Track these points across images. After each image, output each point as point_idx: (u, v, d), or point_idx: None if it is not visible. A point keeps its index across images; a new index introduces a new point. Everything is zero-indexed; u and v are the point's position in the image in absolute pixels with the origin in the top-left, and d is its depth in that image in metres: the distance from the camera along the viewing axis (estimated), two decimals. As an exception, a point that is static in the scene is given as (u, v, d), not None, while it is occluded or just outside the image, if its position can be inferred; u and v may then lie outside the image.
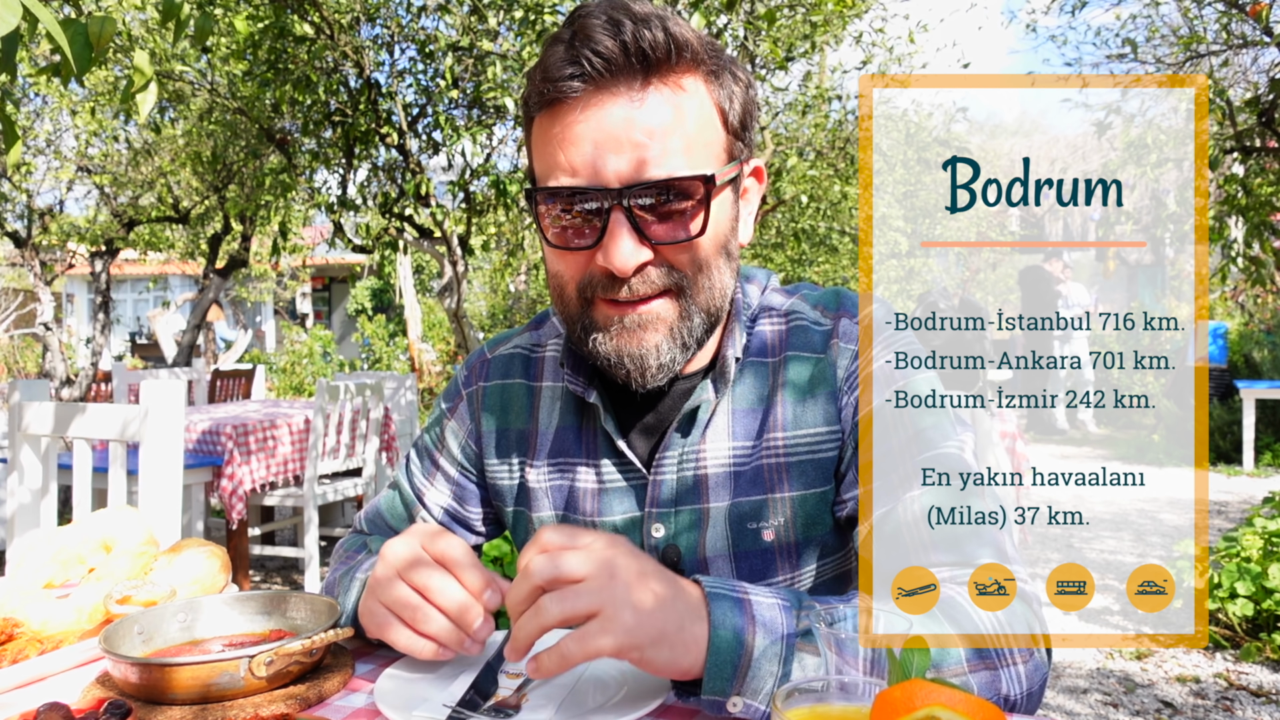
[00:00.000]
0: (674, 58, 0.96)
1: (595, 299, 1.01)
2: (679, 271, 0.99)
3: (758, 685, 0.82)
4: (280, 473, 4.72)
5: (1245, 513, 6.31)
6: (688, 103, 0.97)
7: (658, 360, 1.01)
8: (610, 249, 0.95)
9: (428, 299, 15.78)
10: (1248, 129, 4.90)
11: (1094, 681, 3.57)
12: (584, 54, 0.94)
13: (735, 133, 1.03)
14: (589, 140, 0.95)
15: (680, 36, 0.96)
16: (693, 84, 0.98)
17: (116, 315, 20.01)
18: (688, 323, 1.02)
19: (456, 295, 5.11)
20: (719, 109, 1.00)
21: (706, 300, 1.02)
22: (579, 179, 0.95)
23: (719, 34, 4.26)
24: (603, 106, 0.95)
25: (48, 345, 8.26)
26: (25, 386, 2.40)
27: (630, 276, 0.97)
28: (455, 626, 0.93)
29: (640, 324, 1.00)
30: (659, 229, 0.97)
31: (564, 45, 0.96)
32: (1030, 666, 0.91)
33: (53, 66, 2.05)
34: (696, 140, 0.97)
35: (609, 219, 0.95)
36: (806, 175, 5.77)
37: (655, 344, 1.01)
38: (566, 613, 0.81)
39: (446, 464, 1.26)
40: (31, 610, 1.11)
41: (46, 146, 7.55)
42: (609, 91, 0.95)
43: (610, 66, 0.94)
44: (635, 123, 0.94)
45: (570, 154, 0.96)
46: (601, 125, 0.94)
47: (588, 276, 1.00)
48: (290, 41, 4.47)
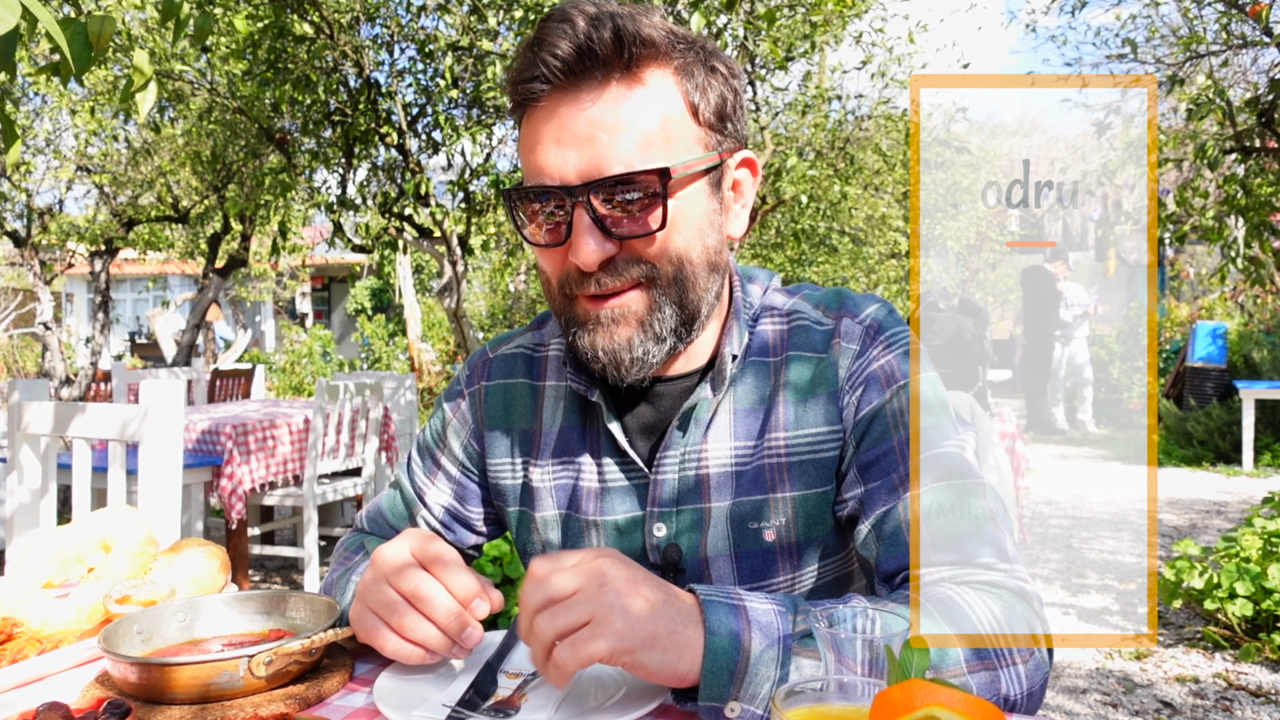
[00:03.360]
0: (630, 55, 0.97)
1: (575, 295, 1.03)
2: (647, 263, 1.01)
3: (755, 690, 0.82)
4: (280, 472, 4.72)
5: (1245, 513, 6.31)
6: (646, 97, 0.98)
7: (630, 354, 1.03)
8: (575, 245, 0.98)
9: (427, 299, 15.78)
10: (1248, 129, 4.90)
11: (1093, 681, 3.57)
12: (542, 57, 0.97)
13: (710, 125, 1.03)
14: (551, 140, 0.98)
15: (640, 34, 0.98)
16: (656, 78, 0.99)
17: (116, 315, 20.01)
18: (658, 314, 1.03)
19: (456, 295, 5.11)
20: (687, 102, 1.01)
21: (679, 293, 1.03)
22: (544, 179, 0.99)
23: (719, 34, 4.26)
24: (562, 106, 0.98)
25: (47, 345, 8.26)
26: (25, 386, 2.40)
27: (596, 271, 1.00)
28: (444, 634, 0.94)
29: (613, 319, 1.02)
30: (620, 223, 0.98)
31: (528, 50, 1.00)
32: (1030, 666, 0.91)
33: (52, 66, 2.05)
34: (656, 135, 0.98)
35: (572, 216, 0.98)
36: (806, 175, 5.76)
37: (627, 338, 1.02)
38: (560, 628, 0.81)
39: (448, 463, 1.26)
40: (31, 610, 1.11)
41: (46, 146, 7.55)
42: (570, 91, 0.98)
43: (566, 68, 0.97)
44: (593, 120, 0.97)
45: (537, 154, 0.99)
46: (562, 125, 0.98)
47: (564, 273, 1.03)
48: (290, 41, 4.47)
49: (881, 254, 10.07)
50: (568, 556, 0.86)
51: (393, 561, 0.96)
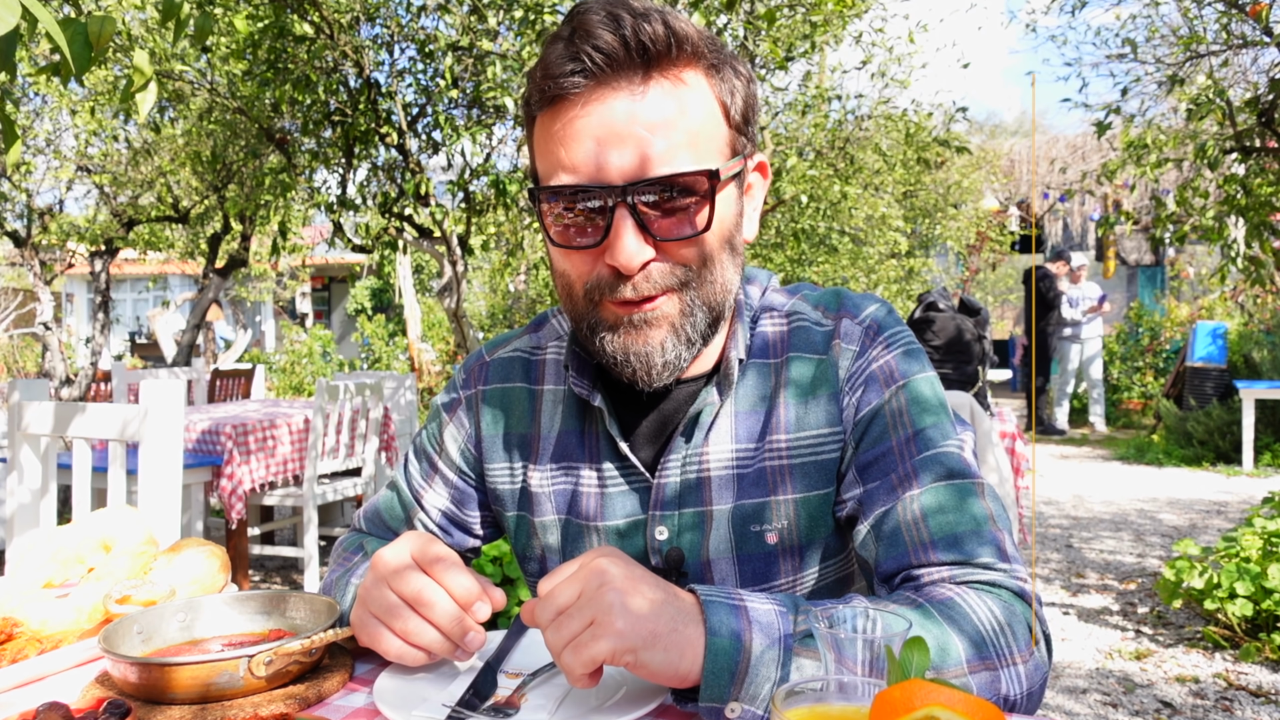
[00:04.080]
0: (674, 51, 0.95)
1: (603, 300, 1.00)
2: (684, 267, 0.98)
3: (755, 690, 0.82)
4: (280, 472, 4.72)
5: (1245, 513, 6.31)
6: (690, 97, 0.96)
7: (663, 358, 1.00)
8: (615, 247, 0.94)
9: (427, 299, 15.78)
10: (1248, 129, 4.90)
11: (1093, 681, 3.57)
12: (584, 49, 0.93)
13: (738, 127, 1.02)
14: (591, 136, 0.94)
15: (680, 30, 0.95)
16: (694, 78, 0.97)
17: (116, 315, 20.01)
18: (691, 318, 1.01)
19: (456, 295, 5.11)
20: (721, 103, 0.99)
21: (709, 295, 1.01)
22: (581, 176, 0.94)
23: (719, 33, 4.26)
24: (604, 102, 0.94)
25: (47, 345, 8.26)
26: (25, 386, 2.39)
27: (635, 274, 0.96)
28: (446, 638, 0.93)
29: (646, 321, 0.99)
30: (664, 225, 0.96)
31: (564, 42, 0.95)
32: (1030, 666, 0.91)
33: (52, 66, 2.05)
34: (700, 135, 0.96)
35: (613, 216, 0.94)
36: (806, 175, 5.76)
37: (660, 341, 1.00)
38: (566, 638, 0.81)
39: (445, 467, 1.25)
40: (31, 610, 1.11)
41: (46, 146, 7.55)
42: (610, 86, 0.94)
43: (610, 61, 0.93)
44: (637, 117, 0.93)
45: (572, 151, 0.95)
46: (603, 121, 0.93)
47: (595, 277, 0.99)
48: (290, 41, 4.47)
49: (881, 254, 10.07)
50: (568, 565, 0.86)
51: (392, 565, 0.96)
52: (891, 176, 8.18)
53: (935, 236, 11.97)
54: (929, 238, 12.21)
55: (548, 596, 0.84)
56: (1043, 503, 6.87)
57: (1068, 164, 12.34)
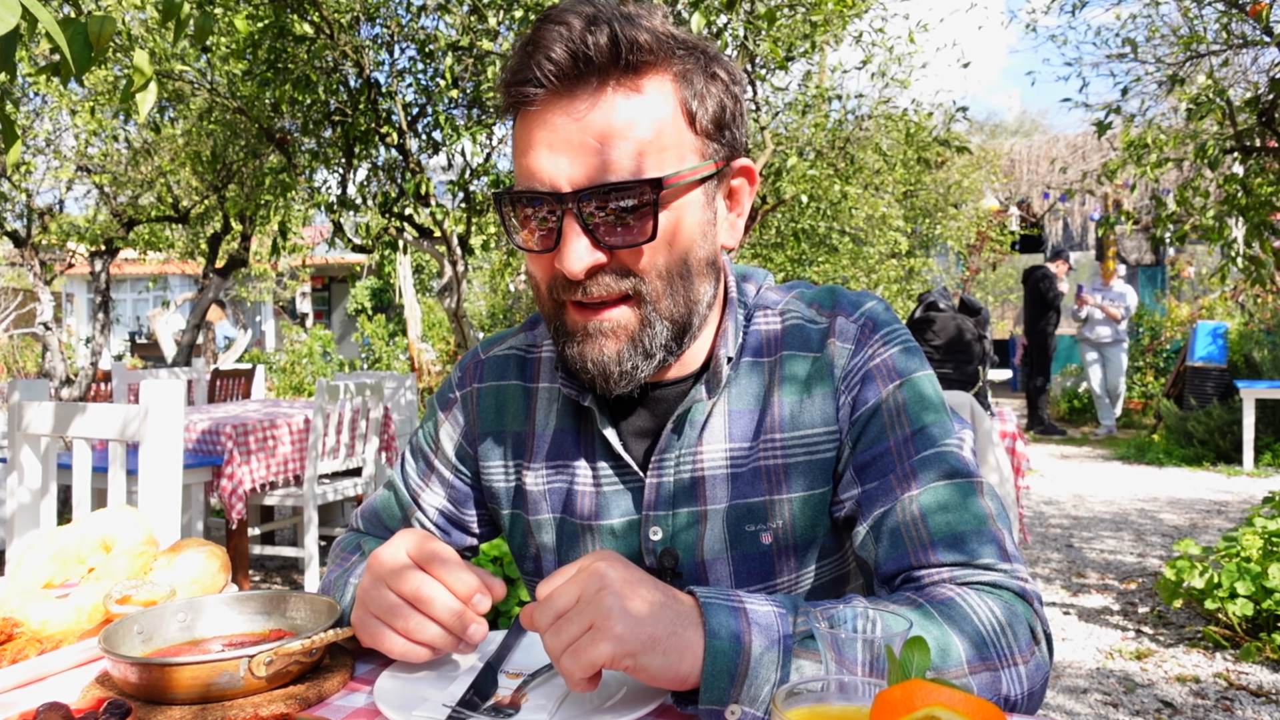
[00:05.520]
0: (627, 61, 0.95)
1: (564, 301, 1.02)
2: (635, 275, 0.99)
3: (756, 692, 0.82)
4: (280, 472, 4.72)
5: (1245, 512, 6.31)
6: (641, 105, 0.96)
7: (619, 367, 1.02)
8: (563, 252, 0.97)
9: (427, 299, 15.78)
10: (1248, 129, 4.89)
11: (1094, 681, 3.57)
12: (536, 60, 0.95)
13: (707, 133, 1.01)
14: (544, 145, 0.96)
15: (636, 38, 0.95)
16: (654, 85, 0.98)
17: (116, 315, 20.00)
18: (649, 330, 1.01)
19: (456, 295, 5.11)
20: (685, 110, 0.99)
21: (670, 307, 1.02)
22: (535, 184, 0.97)
23: (719, 33, 4.25)
24: (555, 111, 0.96)
25: (47, 345, 8.26)
26: (25, 386, 2.39)
27: (583, 279, 0.98)
28: (448, 633, 0.94)
29: (602, 331, 1.01)
30: (610, 233, 0.97)
31: (521, 51, 0.98)
32: (1031, 666, 0.91)
33: (52, 66, 2.05)
34: (651, 144, 0.96)
35: (562, 223, 0.96)
36: (806, 175, 5.76)
37: (616, 352, 1.01)
38: (565, 642, 0.81)
39: (441, 466, 1.25)
40: (31, 610, 1.11)
41: (46, 146, 7.55)
42: (565, 96, 0.96)
43: (560, 73, 0.95)
44: (586, 127, 0.95)
45: (529, 159, 0.98)
46: (555, 130, 0.96)
47: (553, 278, 1.01)
48: (290, 41, 4.47)
49: (881, 254, 10.07)
50: (566, 569, 0.86)
51: (390, 564, 0.96)
52: (892, 176, 8.18)
53: (935, 236, 11.97)
54: (929, 237, 12.20)
55: (546, 600, 0.84)
56: (1043, 502, 6.86)
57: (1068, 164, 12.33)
